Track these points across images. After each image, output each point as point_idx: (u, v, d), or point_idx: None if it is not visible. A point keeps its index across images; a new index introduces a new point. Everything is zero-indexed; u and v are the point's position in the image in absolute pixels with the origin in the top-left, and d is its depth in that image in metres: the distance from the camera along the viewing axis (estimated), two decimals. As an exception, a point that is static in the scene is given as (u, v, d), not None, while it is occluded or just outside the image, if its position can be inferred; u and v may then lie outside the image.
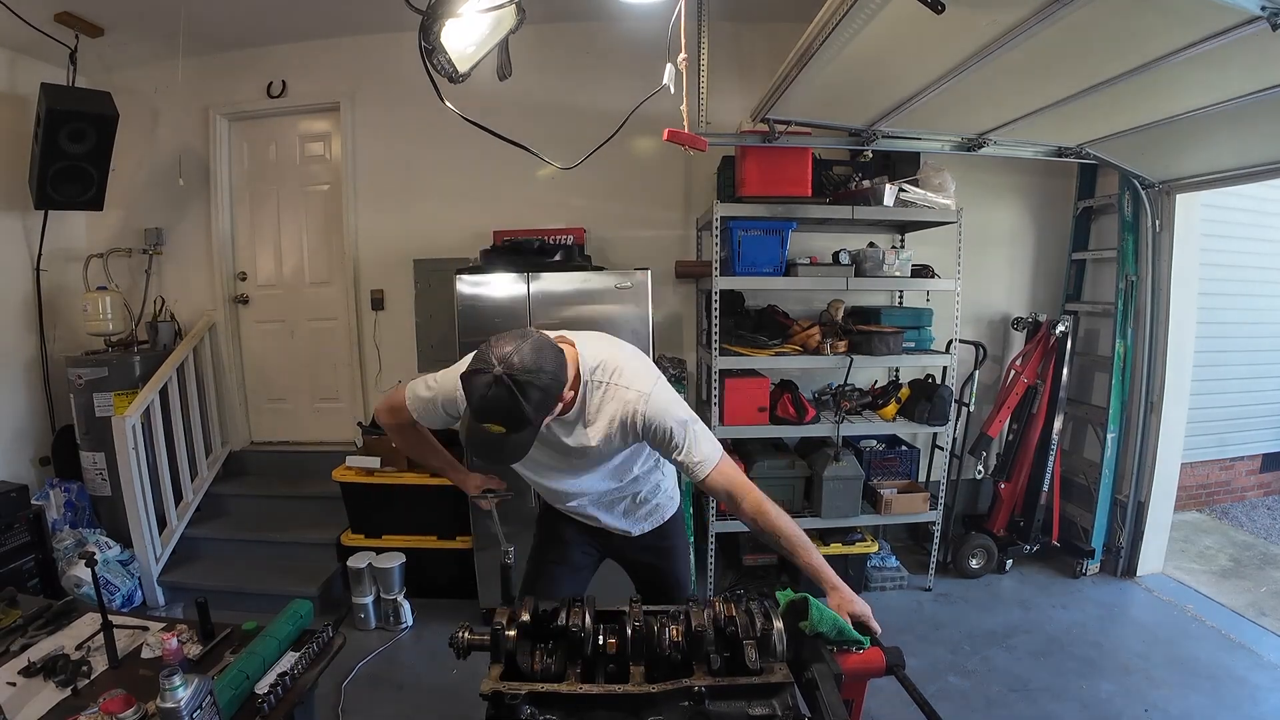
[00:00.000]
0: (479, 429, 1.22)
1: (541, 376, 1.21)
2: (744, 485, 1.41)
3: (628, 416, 1.39)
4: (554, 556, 1.72)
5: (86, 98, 3.24)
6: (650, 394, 1.40)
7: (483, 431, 1.22)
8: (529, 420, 1.22)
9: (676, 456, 1.41)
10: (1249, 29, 1.58)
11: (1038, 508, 3.50)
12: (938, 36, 1.84)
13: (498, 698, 0.99)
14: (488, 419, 1.20)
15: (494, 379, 1.17)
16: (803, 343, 3.22)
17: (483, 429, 1.21)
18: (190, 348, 3.64)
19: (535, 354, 1.22)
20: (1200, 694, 2.53)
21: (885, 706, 2.24)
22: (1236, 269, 4.22)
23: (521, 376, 1.18)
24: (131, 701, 1.21)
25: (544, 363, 1.23)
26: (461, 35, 1.54)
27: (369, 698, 2.58)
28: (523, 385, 1.18)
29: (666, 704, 0.99)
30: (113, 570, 3.14)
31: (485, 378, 1.18)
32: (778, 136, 2.84)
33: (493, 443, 1.24)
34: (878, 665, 1.22)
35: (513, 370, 1.18)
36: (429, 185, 3.76)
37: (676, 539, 1.79)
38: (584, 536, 1.73)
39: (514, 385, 1.17)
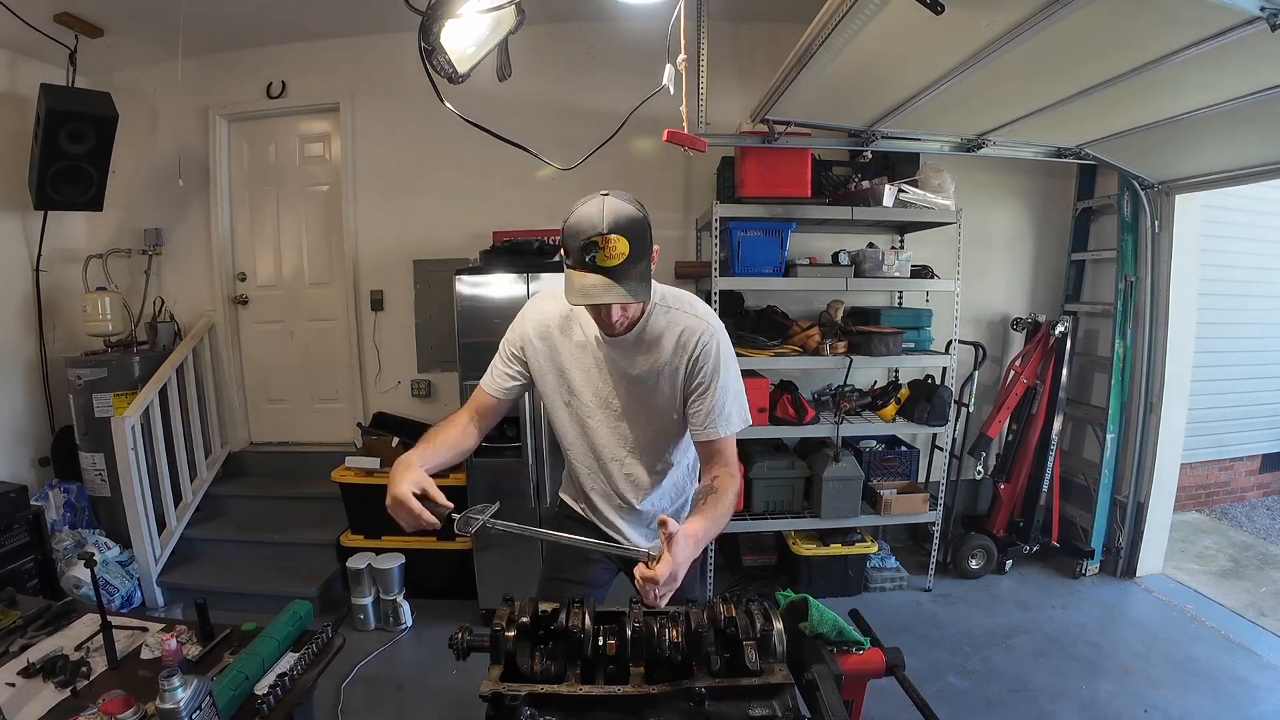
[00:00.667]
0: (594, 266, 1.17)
1: (645, 212, 1.24)
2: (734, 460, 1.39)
3: (691, 336, 1.36)
4: (571, 573, 1.59)
5: (86, 98, 3.24)
6: (719, 330, 1.39)
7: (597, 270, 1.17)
8: (649, 237, 1.22)
9: (707, 401, 1.36)
10: (1248, 29, 1.58)
11: (1037, 508, 3.50)
12: (937, 37, 1.84)
13: (497, 699, 0.99)
14: (614, 229, 1.16)
15: (606, 195, 1.21)
16: (802, 343, 3.22)
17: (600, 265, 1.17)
18: (190, 348, 3.64)
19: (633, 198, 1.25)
20: (1200, 694, 2.54)
21: (885, 707, 2.24)
22: (1236, 269, 4.22)
23: (630, 197, 1.23)
24: (131, 702, 1.21)
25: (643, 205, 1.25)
26: (461, 36, 1.54)
27: (368, 698, 2.58)
28: (635, 201, 1.22)
29: (666, 705, 0.99)
30: (112, 571, 3.14)
31: (595, 199, 1.21)
32: (777, 137, 2.84)
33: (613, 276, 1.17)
34: (877, 666, 1.22)
35: (620, 193, 1.22)
36: (429, 186, 3.76)
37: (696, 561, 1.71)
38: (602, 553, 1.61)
39: (628, 199, 1.21)
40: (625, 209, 1.20)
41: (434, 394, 3.88)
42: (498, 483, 3.06)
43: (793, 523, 3.29)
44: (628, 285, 1.19)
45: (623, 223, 1.18)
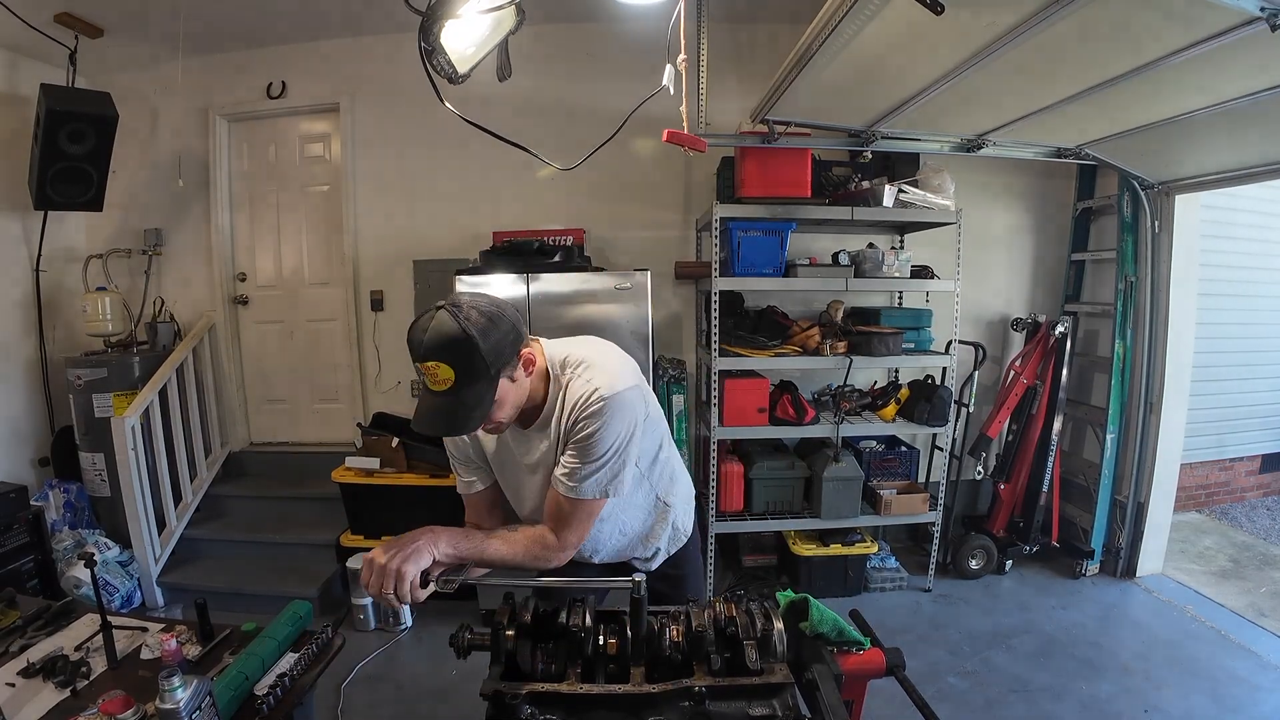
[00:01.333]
0: (425, 392, 1.10)
1: (497, 318, 1.11)
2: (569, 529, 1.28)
3: (575, 400, 1.22)
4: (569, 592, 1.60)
5: (86, 98, 3.24)
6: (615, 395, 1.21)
7: (427, 395, 1.10)
8: (481, 360, 1.08)
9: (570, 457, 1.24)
10: (1248, 30, 1.58)
11: (1037, 508, 3.50)
12: (937, 37, 1.84)
13: (498, 698, 0.99)
14: (431, 355, 1.07)
15: (436, 308, 1.09)
16: (802, 343, 3.22)
17: (428, 391, 1.10)
18: (189, 348, 3.64)
19: (491, 301, 1.14)
20: (1200, 694, 2.53)
21: (885, 707, 2.24)
22: (1236, 269, 4.22)
23: (468, 306, 1.09)
24: (130, 702, 1.21)
25: (503, 308, 1.14)
26: (461, 36, 1.54)
27: (368, 698, 2.58)
28: (469, 314, 1.08)
29: (667, 704, 0.99)
30: (112, 571, 3.14)
31: (429, 311, 1.10)
32: (777, 137, 2.84)
33: (440, 403, 1.10)
34: (878, 666, 1.22)
35: (459, 301, 1.09)
36: (428, 186, 3.76)
37: (689, 566, 1.67)
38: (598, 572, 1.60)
39: (458, 311, 1.07)
40: (449, 329, 1.07)
41: (434, 394, 3.88)
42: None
43: (793, 523, 3.30)
44: (460, 411, 1.12)
45: (441, 346, 1.07)
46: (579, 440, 1.23)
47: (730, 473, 3.24)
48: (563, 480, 1.25)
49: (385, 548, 1.15)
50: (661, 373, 3.32)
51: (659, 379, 3.28)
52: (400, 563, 1.12)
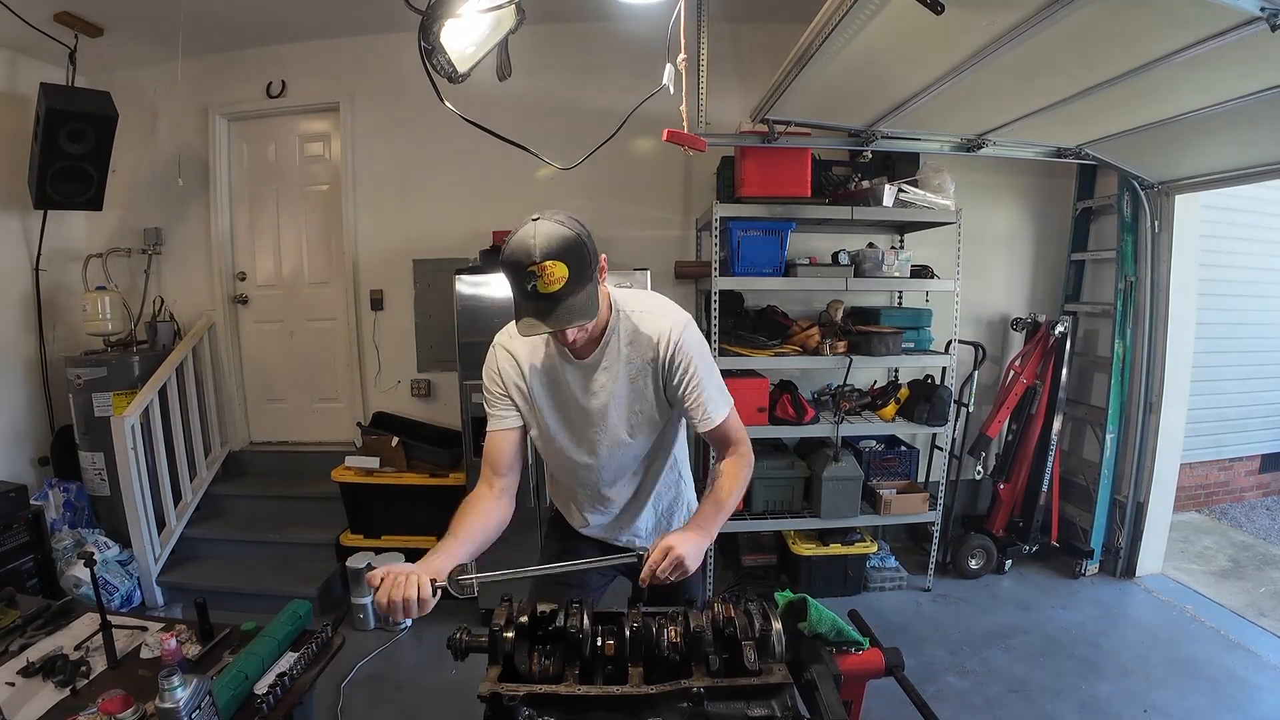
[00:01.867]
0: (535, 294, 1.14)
1: (583, 223, 1.20)
2: (740, 439, 1.43)
3: (659, 339, 1.35)
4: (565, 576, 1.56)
5: (86, 98, 3.24)
6: (684, 323, 1.38)
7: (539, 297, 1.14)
8: (590, 257, 1.18)
9: (692, 396, 1.37)
10: (1248, 30, 1.58)
11: (1037, 508, 3.50)
12: (937, 37, 1.84)
13: (495, 699, 0.99)
14: (548, 255, 1.12)
15: (534, 220, 1.16)
16: (802, 343, 3.22)
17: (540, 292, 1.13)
18: (189, 348, 3.64)
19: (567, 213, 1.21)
20: (1199, 694, 2.54)
21: (884, 707, 2.24)
22: (1235, 269, 4.22)
23: (563, 215, 1.18)
24: (130, 702, 1.21)
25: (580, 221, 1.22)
26: (461, 35, 1.54)
27: (368, 698, 2.59)
28: (568, 221, 1.17)
29: (665, 705, 0.99)
30: (112, 570, 3.14)
31: (526, 225, 1.16)
32: (777, 137, 2.84)
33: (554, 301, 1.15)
34: (877, 666, 1.22)
35: (553, 215, 1.18)
36: (428, 185, 3.76)
37: None
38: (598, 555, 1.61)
39: (561, 219, 1.16)
40: (557, 231, 1.16)
41: (434, 393, 3.88)
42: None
43: (792, 523, 3.30)
44: (573, 309, 1.17)
45: (556, 247, 1.14)
46: (687, 373, 1.36)
47: (730, 472, 3.24)
48: (710, 415, 1.37)
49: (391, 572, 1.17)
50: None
51: (659, 379, 3.28)
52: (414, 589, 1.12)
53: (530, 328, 1.18)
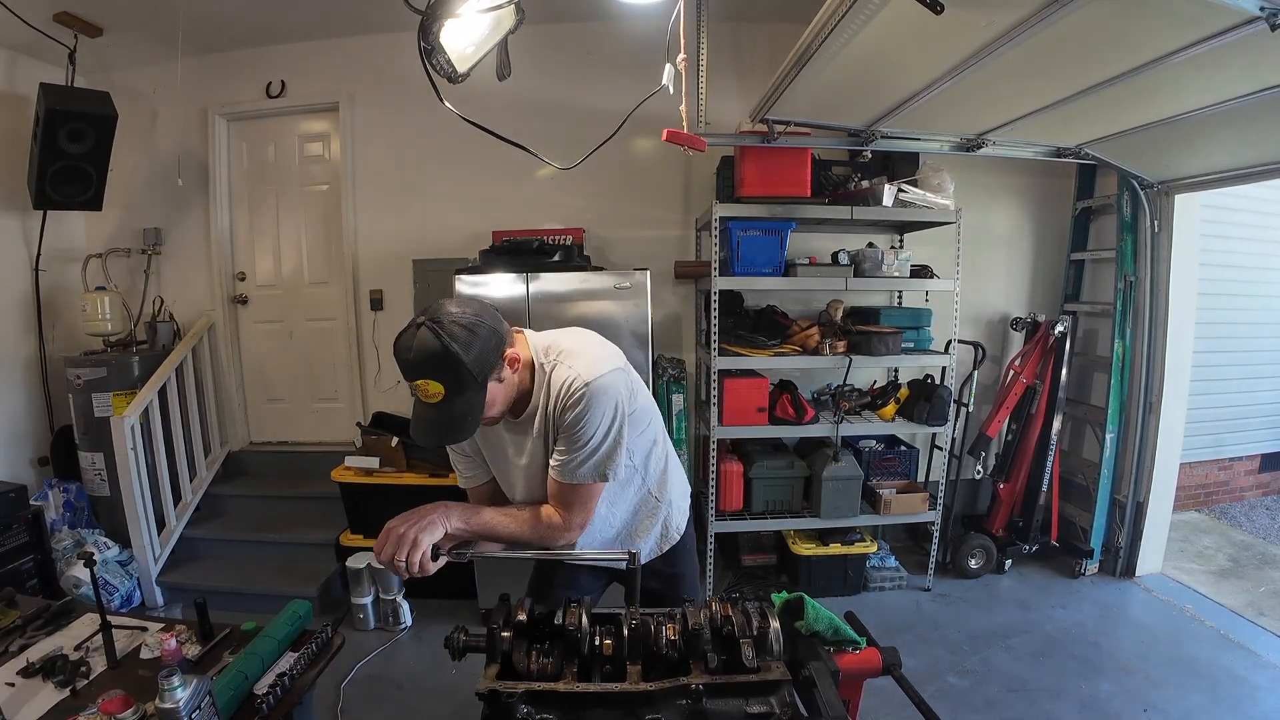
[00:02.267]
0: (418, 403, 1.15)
1: (477, 326, 1.13)
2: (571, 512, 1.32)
3: (561, 387, 1.24)
4: (561, 579, 1.59)
5: (85, 98, 3.24)
6: (600, 379, 1.23)
7: (421, 406, 1.15)
8: (467, 372, 1.11)
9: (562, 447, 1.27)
10: (1248, 29, 1.58)
11: (1036, 508, 3.50)
12: (937, 37, 1.84)
13: (493, 697, 0.99)
14: (419, 374, 1.10)
15: (417, 325, 1.12)
16: (802, 343, 3.22)
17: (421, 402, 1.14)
18: (189, 348, 3.64)
19: (468, 303, 1.17)
20: (1199, 694, 2.54)
21: (884, 707, 2.24)
22: (1235, 269, 4.22)
23: (449, 320, 1.11)
24: (130, 702, 1.21)
25: (481, 314, 1.15)
26: (461, 35, 1.54)
27: (368, 698, 2.59)
28: (450, 328, 1.10)
29: (664, 702, 0.99)
30: (111, 571, 3.14)
31: (410, 329, 1.14)
32: (777, 137, 2.84)
33: (433, 415, 1.14)
34: (874, 665, 1.22)
35: (438, 315, 1.12)
36: (428, 185, 3.76)
37: (685, 566, 1.65)
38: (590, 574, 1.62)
39: (439, 327, 1.11)
40: (430, 346, 1.10)
41: (433, 394, 3.88)
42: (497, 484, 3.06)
43: (792, 522, 3.30)
44: (453, 421, 1.16)
45: (426, 365, 1.11)
46: (568, 428, 1.26)
47: (730, 472, 3.25)
48: (558, 469, 1.29)
49: (401, 517, 1.23)
50: (661, 372, 3.32)
51: (658, 378, 3.28)
52: (416, 531, 1.19)
53: (417, 433, 1.20)
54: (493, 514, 1.31)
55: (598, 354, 1.30)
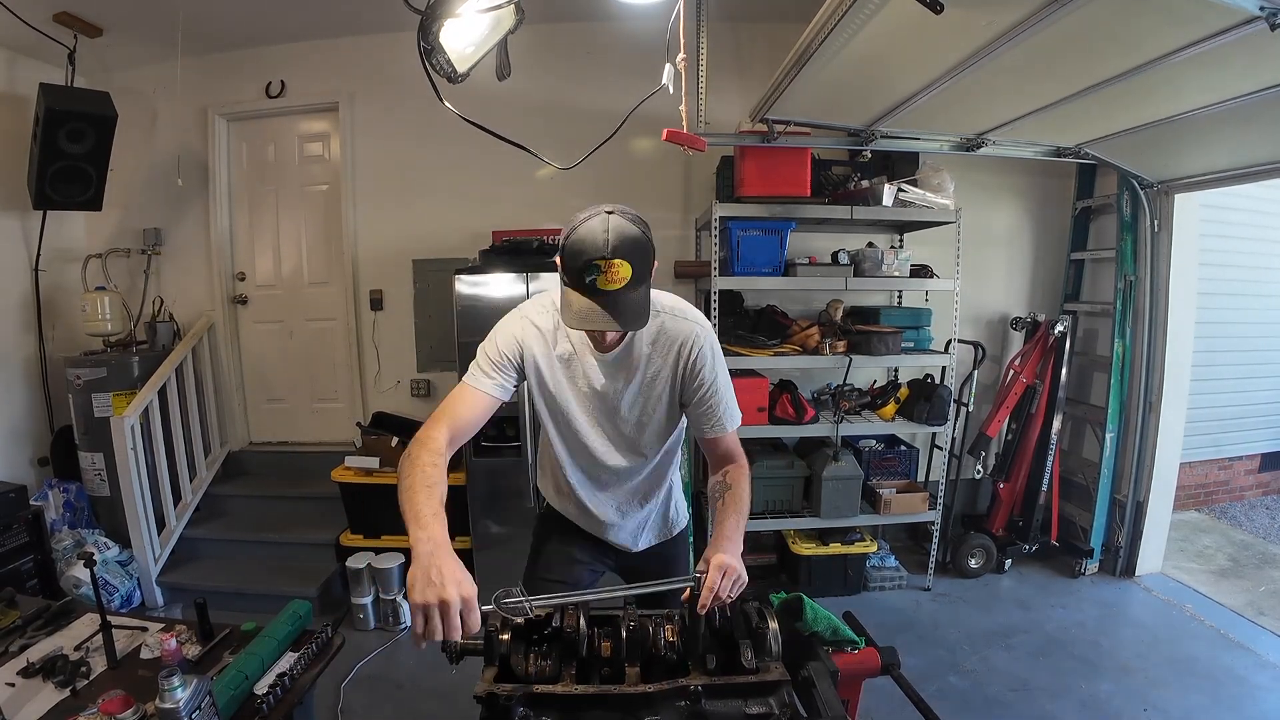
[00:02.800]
0: (594, 289, 1.11)
1: (649, 230, 1.17)
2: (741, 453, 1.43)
3: (685, 342, 1.35)
4: (557, 574, 1.60)
5: (85, 98, 3.24)
6: (709, 331, 1.38)
7: (595, 295, 1.12)
8: (651, 261, 1.17)
9: (708, 403, 1.37)
10: (1247, 29, 1.58)
11: (1036, 507, 3.50)
12: (936, 37, 1.84)
13: (491, 699, 0.98)
14: (616, 254, 1.10)
15: (607, 213, 1.13)
16: (802, 343, 3.22)
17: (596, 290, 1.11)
18: (189, 348, 3.64)
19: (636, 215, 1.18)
20: (1199, 693, 2.54)
21: (883, 706, 2.24)
22: (1235, 269, 4.22)
23: (632, 213, 1.16)
24: (130, 702, 1.21)
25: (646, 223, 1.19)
26: (460, 35, 1.54)
27: (368, 698, 2.59)
28: (636, 218, 1.15)
29: (663, 704, 0.99)
30: (111, 571, 3.14)
31: (599, 216, 1.13)
32: (776, 137, 2.84)
33: (614, 299, 1.12)
34: (873, 665, 1.22)
35: (626, 210, 1.15)
36: (428, 185, 3.76)
37: (680, 548, 1.71)
38: (589, 553, 1.63)
39: (634, 219, 1.14)
40: (630, 230, 1.13)
41: (433, 393, 3.88)
42: (497, 483, 3.06)
43: (792, 522, 3.30)
44: (628, 310, 1.15)
45: (627, 245, 1.12)
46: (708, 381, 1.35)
47: (730, 472, 3.24)
48: (723, 424, 1.38)
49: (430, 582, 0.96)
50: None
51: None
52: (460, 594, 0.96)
53: (581, 321, 1.14)
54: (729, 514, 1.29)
55: (692, 309, 1.41)
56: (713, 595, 1.08)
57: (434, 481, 1.18)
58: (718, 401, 1.38)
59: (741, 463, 1.41)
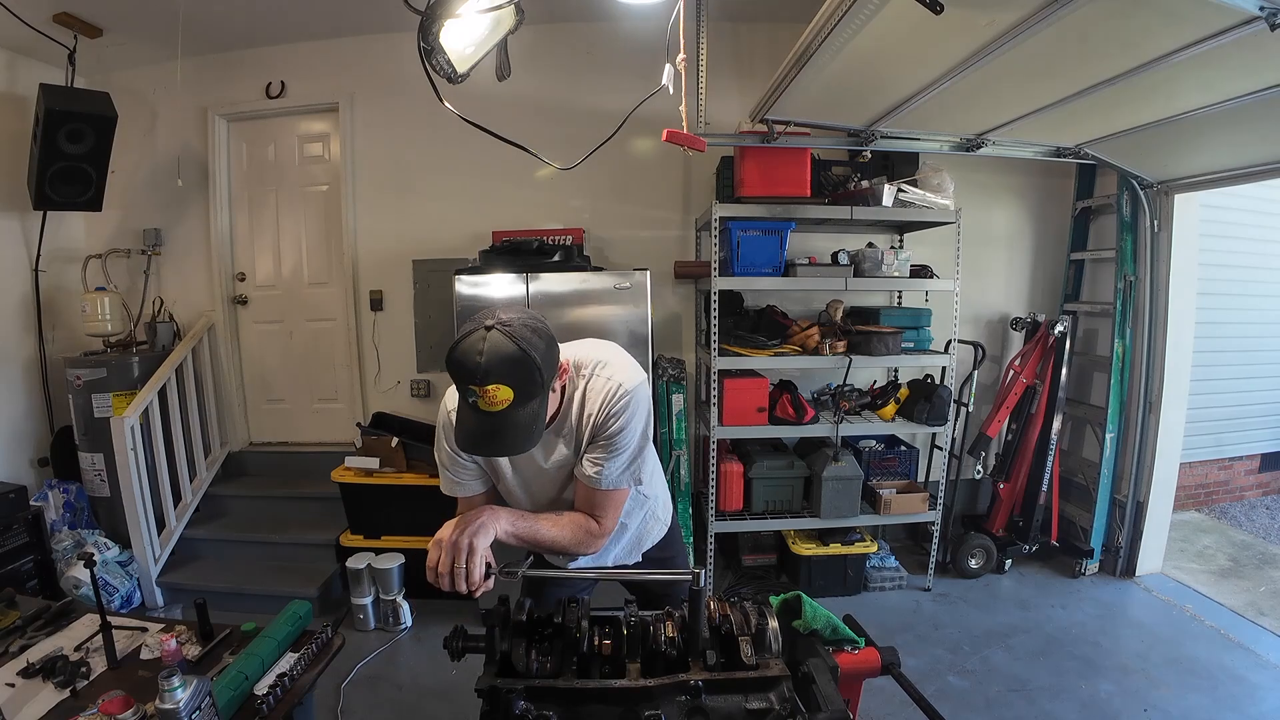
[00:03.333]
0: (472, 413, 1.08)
1: (542, 331, 1.11)
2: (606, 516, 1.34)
3: (600, 399, 1.26)
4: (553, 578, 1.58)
5: (85, 98, 3.24)
6: (635, 387, 1.28)
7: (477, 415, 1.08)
8: (540, 377, 1.08)
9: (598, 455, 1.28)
10: (1247, 29, 1.58)
11: (1037, 508, 3.50)
12: (936, 37, 1.84)
13: (493, 692, 0.99)
14: (490, 379, 1.04)
15: (488, 328, 1.07)
16: (802, 343, 3.22)
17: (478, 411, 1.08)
18: (189, 348, 3.64)
19: (531, 315, 1.13)
20: (1199, 694, 2.54)
21: (884, 707, 2.24)
22: (1235, 269, 4.22)
23: (518, 323, 1.08)
24: (130, 703, 1.21)
25: (541, 321, 1.14)
26: (460, 36, 1.54)
27: (368, 698, 2.58)
28: (521, 332, 1.07)
29: (663, 698, 0.99)
30: (111, 571, 3.14)
31: (478, 332, 1.07)
32: (776, 137, 2.84)
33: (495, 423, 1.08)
34: (873, 665, 1.22)
35: (505, 319, 1.08)
36: (428, 186, 3.76)
37: (675, 547, 1.71)
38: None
39: (511, 330, 1.06)
40: (506, 349, 1.05)
41: (433, 394, 3.88)
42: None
43: (792, 522, 3.30)
44: (517, 430, 1.11)
45: (503, 368, 1.05)
46: (609, 435, 1.28)
47: (730, 472, 3.25)
48: (593, 476, 1.30)
49: (448, 525, 1.18)
50: (661, 372, 3.32)
51: (658, 378, 3.29)
52: (470, 537, 1.13)
53: (471, 444, 1.14)
54: (535, 520, 1.27)
55: (629, 362, 1.35)
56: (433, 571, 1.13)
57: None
58: (611, 454, 1.28)
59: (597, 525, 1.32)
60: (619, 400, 1.26)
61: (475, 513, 1.20)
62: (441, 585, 1.13)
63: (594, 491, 1.32)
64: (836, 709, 0.97)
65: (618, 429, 1.27)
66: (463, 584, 1.12)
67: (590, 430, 1.29)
